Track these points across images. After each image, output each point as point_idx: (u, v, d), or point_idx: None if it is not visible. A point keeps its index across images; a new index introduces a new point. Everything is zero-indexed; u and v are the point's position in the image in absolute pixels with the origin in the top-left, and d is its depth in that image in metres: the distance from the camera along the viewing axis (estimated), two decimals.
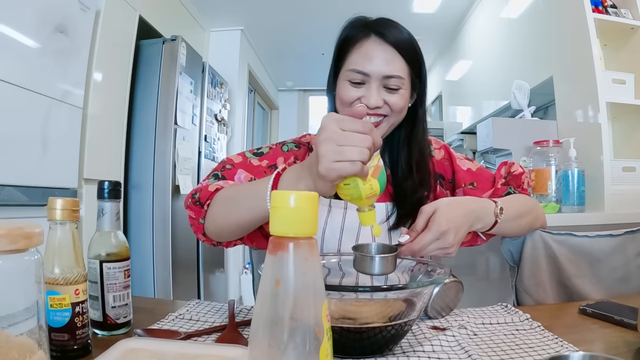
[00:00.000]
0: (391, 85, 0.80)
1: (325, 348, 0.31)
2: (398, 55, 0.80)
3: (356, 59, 0.81)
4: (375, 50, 0.80)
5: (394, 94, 0.81)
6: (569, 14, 1.93)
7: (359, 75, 0.80)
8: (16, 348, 0.38)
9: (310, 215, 0.31)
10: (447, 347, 0.59)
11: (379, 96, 0.80)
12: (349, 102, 0.82)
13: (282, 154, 0.92)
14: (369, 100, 0.79)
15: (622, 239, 1.11)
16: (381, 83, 0.80)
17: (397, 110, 0.82)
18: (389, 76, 0.79)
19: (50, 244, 0.54)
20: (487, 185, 0.91)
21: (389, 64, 0.79)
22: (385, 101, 0.81)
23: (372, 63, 0.79)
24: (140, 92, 2.51)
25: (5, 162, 1.51)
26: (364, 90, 0.81)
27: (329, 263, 0.78)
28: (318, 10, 3.48)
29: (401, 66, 0.81)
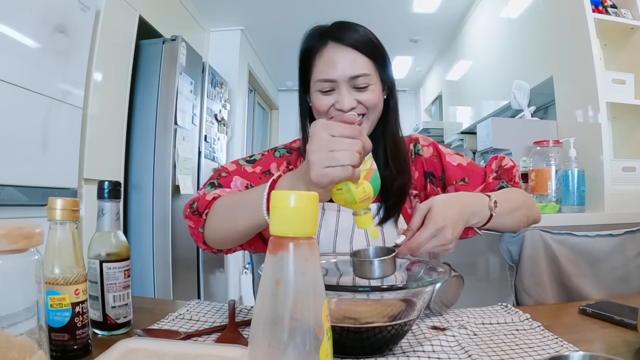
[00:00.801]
0: (360, 84, 0.82)
1: (325, 348, 0.31)
2: (359, 53, 0.82)
3: (321, 69, 0.83)
4: (335, 55, 0.81)
5: (364, 91, 0.82)
6: (569, 14, 1.93)
7: (327, 83, 0.82)
8: (16, 348, 0.38)
9: (310, 215, 0.31)
10: (447, 347, 0.59)
11: (351, 97, 0.81)
12: (324, 110, 0.84)
13: (275, 159, 0.93)
14: (343, 104, 0.81)
15: (622, 239, 1.11)
16: (350, 84, 0.82)
17: (372, 107, 0.83)
18: (355, 76, 0.81)
19: (50, 244, 0.54)
20: (478, 180, 0.91)
21: (352, 65, 0.81)
22: (358, 101, 0.82)
23: (336, 68, 0.81)
24: (140, 92, 2.51)
25: (5, 162, 1.51)
26: (336, 95, 0.82)
27: (327, 264, 0.78)
28: (318, 10, 3.48)
29: (364, 63, 0.82)
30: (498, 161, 0.91)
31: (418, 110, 5.71)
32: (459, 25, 3.69)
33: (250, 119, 4.64)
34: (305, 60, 0.86)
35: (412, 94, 5.92)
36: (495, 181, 0.88)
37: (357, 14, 3.59)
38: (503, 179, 0.89)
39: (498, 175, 0.90)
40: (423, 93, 5.52)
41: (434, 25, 3.78)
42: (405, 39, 4.12)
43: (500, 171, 0.90)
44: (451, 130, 3.96)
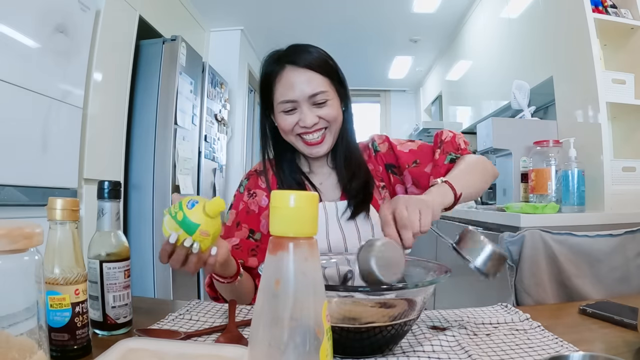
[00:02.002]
0: (318, 100, 0.88)
1: (325, 348, 0.31)
2: (314, 73, 0.88)
3: (281, 91, 0.89)
4: (293, 77, 0.88)
5: (323, 107, 0.89)
6: (569, 14, 1.93)
7: (289, 104, 0.89)
8: (16, 348, 0.38)
9: (310, 215, 0.31)
10: (447, 347, 0.59)
11: (312, 114, 0.88)
12: (289, 129, 0.91)
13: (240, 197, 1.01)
14: (305, 121, 0.88)
15: (622, 239, 1.11)
16: (309, 102, 0.88)
17: (332, 120, 0.90)
18: (313, 94, 0.88)
19: (50, 244, 0.54)
20: (428, 159, 0.96)
21: (309, 84, 0.88)
22: (319, 116, 0.89)
23: (294, 89, 0.88)
24: (140, 92, 2.51)
25: (5, 162, 1.51)
26: (298, 114, 0.89)
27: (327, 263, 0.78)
28: (318, 10, 3.48)
29: (320, 81, 0.89)
30: (439, 137, 0.97)
31: (418, 110, 5.71)
32: (459, 25, 3.69)
33: (250, 119, 4.64)
34: (266, 85, 0.94)
35: (412, 94, 5.92)
36: (442, 156, 0.93)
37: (357, 14, 3.60)
38: (449, 151, 0.94)
39: (442, 150, 0.94)
40: (423, 93, 5.53)
41: (434, 25, 3.78)
42: (405, 39, 4.12)
43: (443, 145, 0.95)
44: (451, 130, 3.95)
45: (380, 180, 0.99)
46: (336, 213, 0.94)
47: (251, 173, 1.04)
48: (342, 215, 0.93)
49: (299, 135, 0.91)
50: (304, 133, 0.90)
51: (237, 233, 0.96)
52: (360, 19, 3.63)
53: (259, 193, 0.99)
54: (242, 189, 1.02)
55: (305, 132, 0.90)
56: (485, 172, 0.92)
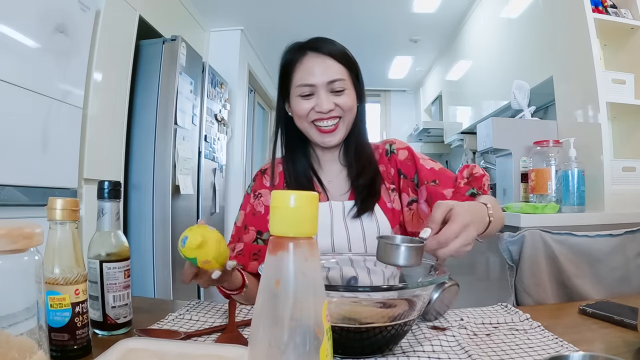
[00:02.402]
0: (336, 87, 0.90)
1: (325, 348, 0.31)
2: (335, 61, 0.90)
3: (301, 75, 0.91)
4: (314, 63, 0.90)
5: (340, 95, 0.90)
6: (569, 14, 1.93)
7: (307, 87, 0.90)
8: (16, 348, 0.38)
9: (310, 215, 0.31)
10: (447, 347, 0.59)
11: (329, 101, 0.89)
12: (305, 114, 0.91)
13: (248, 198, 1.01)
14: (322, 107, 0.88)
15: (622, 239, 1.11)
16: (327, 89, 0.90)
17: (347, 109, 0.91)
18: (332, 80, 0.89)
19: (50, 244, 0.54)
20: (448, 183, 0.95)
21: (329, 70, 0.89)
22: (335, 104, 0.90)
23: (315, 74, 0.89)
24: (140, 92, 2.51)
25: (5, 162, 1.51)
26: (315, 99, 0.90)
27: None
28: (318, 10, 3.48)
29: (340, 69, 0.90)
30: (470, 169, 0.95)
31: (418, 110, 5.71)
32: (459, 25, 3.69)
33: (250, 119, 4.65)
34: (285, 72, 0.94)
35: (412, 94, 5.92)
36: (465, 187, 0.93)
37: (357, 14, 3.60)
38: (473, 186, 0.93)
39: (469, 181, 0.94)
40: (423, 93, 5.53)
41: (434, 25, 3.78)
42: (405, 39, 4.12)
43: (471, 178, 0.94)
44: (451, 130, 3.96)
45: (391, 183, 0.98)
46: (342, 212, 0.93)
47: (257, 173, 1.04)
48: (348, 214, 0.93)
49: (313, 122, 0.91)
50: (318, 119, 0.90)
51: (245, 236, 0.96)
52: (360, 19, 3.63)
53: (264, 193, 0.99)
54: (249, 190, 1.02)
55: (320, 117, 0.90)
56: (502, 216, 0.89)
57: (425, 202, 0.95)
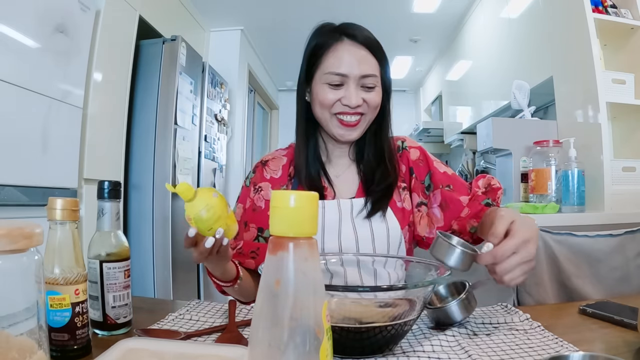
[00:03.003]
0: (368, 84, 0.85)
1: (325, 348, 0.31)
2: (370, 54, 0.85)
3: (332, 62, 0.85)
4: (349, 52, 0.84)
5: (370, 92, 0.86)
6: (569, 14, 1.93)
7: (337, 77, 0.84)
8: (16, 348, 0.38)
9: (310, 215, 0.31)
10: (447, 347, 0.59)
11: (358, 96, 0.84)
12: (329, 104, 0.86)
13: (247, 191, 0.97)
14: (350, 100, 0.84)
15: (622, 239, 1.11)
16: (359, 83, 0.85)
17: (373, 107, 0.87)
18: (365, 75, 0.84)
19: (50, 244, 0.54)
20: (462, 190, 0.92)
21: (364, 64, 0.84)
22: (364, 99, 0.85)
23: (349, 64, 0.84)
24: (140, 92, 2.51)
25: (5, 162, 1.51)
26: (343, 91, 0.85)
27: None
28: (318, 10, 3.48)
29: (374, 65, 0.86)
30: (487, 180, 0.92)
31: (418, 110, 5.71)
32: (459, 25, 3.69)
33: (250, 119, 4.65)
34: (314, 54, 0.88)
35: (412, 94, 5.92)
36: (483, 196, 0.90)
37: (357, 14, 3.59)
38: (490, 197, 0.90)
39: (486, 191, 0.91)
40: (423, 93, 5.53)
41: (434, 25, 3.78)
42: (405, 39, 4.12)
43: (489, 189, 0.91)
44: (451, 130, 3.96)
45: (402, 181, 0.94)
46: (350, 211, 0.89)
47: (258, 164, 0.99)
48: (357, 215, 0.89)
49: (336, 114, 0.87)
50: (342, 112, 0.86)
51: (246, 234, 0.93)
52: (360, 19, 3.58)
53: (264, 186, 0.95)
54: (248, 182, 0.97)
55: (344, 111, 0.86)
56: None
57: (439, 207, 0.91)
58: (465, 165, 3.62)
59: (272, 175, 0.96)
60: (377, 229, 0.88)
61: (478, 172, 3.41)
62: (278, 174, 0.96)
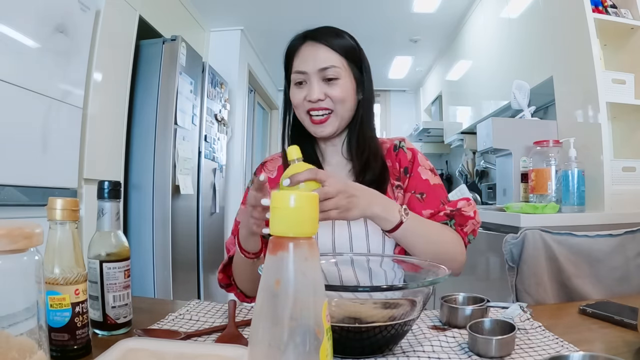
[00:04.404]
0: (328, 75, 0.87)
1: (325, 348, 0.31)
2: (330, 50, 0.88)
3: (297, 63, 0.90)
4: (309, 51, 0.89)
5: (333, 85, 0.88)
6: (569, 14, 1.93)
7: (299, 75, 0.89)
8: (16, 348, 0.38)
9: (310, 215, 0.32)
10: (447, 347, 0.59)
11: (319, 90, 0.87)
12: (298, 104, 0.90)
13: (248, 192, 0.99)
14: (312, 95, 0.87)
15: (622, 239, 1.11)
16: (319, 76, 0.88)
17: (339, 101, 0.88)
18: (324, 68, 0.87)
19: (50, 244, 0.54)
20: (434, 203, 0.91)
21: (322, 59, 0.87)
22: (326, 94, 0.88)
23: (307, 61, 0.88)
24: (140, 92, 2.51)
25: (5, 162, 1.51)
26: (307, 88, 0.89)
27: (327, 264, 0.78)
28: (318, 10, 3.48)
29: (334, 58, 0.88)
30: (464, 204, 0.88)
31: (418, 110, 5.71)
32: (459, 25, 3.69)
33: (250, 119, 4.64)
34: (287, 59, 0.94)
35: (412, 94, 5.92)
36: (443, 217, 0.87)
37: (357, 14, 3.60)
38: (454, 219, 0.87)
39: (452, 214, 0.88)
40: (423, 93, 5.53)
41: (434, 25, 3.78)
42: (405, 39, 4.12)
43: (457, 212, 0.87)
44: (451, 130, 3.96)
45: (397, 179, 0.95)
46: None
47: (259, 166, 1.03)
48: None
49: (308, 112, 0.90)
50: (310, 109, 0.89)
51: None
52: (360, 19, 3.63)
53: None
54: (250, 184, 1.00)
55: (311, 107, 0.88)
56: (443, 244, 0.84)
57: None
58: (465, 165, 3.62)
59: (269, 176, 0.98)
60: (371, 225, 0.88)
61: (478, 172, 3.42)
62: (274, 174, 0.99)
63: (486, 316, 0.68)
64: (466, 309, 0.68)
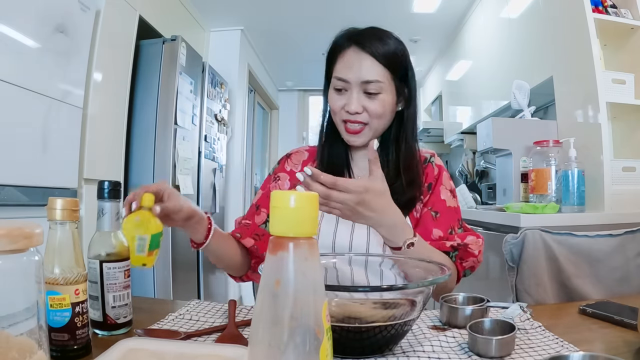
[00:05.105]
0: (370, 89, 0.85)
1: (325, 348, 0.31)
2: (376, 62, 0.85)
3: (339, 68, 0.88)
4: (353, 59, 0.86)
5: (373, 99, 0.86)
6: (569, 14, 1.93)
7: (341, 82, 0.87)
8: (16, 348, 0.38)
9: (310, 215, 0.32)
10: (447, 347, 0.59)
11: (358, 103, 0.85)
12: (335, 110, 0.89)
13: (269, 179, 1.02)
14: (350, 107, 0.86)
15: (622, 239, 1.11)
16: (361, 88, 0.86)
17: (375, 117, 0.87)
18: (367, 81, 0.85)
19: (50, 244, 0.54)
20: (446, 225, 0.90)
21: (367, 70, 0.85)
22: (364, 108, 0.86)
23: (351, 70, 0.85)
24: (140, 92, 2.51)
25: (5, 162, 1.51)
26: (346, 97, 0.87)
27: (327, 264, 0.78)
28: (318, 10, 3.48)
29: (379, 71, 0.85)
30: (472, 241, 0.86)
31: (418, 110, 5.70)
32: (459, 25, 3.69)
33: (250, 119, 4.64)
34: (330, 56, 0.92)
35: None
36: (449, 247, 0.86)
37: (357, 14, 3.59)
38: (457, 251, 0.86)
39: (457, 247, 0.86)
40: (423, 93, 5.52)
41: (434, 25, 3.77)
42: (405, 39, 4.04)
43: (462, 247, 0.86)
44: (451, 130, 3.96)
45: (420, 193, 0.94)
46: None
47: (283, 157, 1.04)
48: None
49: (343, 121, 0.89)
50: (346, 120, 0.88)
51: (256, 217, 0.96)
52: (360, 19, 3.61)
53: (282, 177, 0.99)
54: (272, 172, 1.03)
55: (348, 119, 0.87)
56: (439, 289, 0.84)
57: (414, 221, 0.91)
58: (465, 165, 3.62)
59: (292, 168, 1.00)
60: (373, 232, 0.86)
61: (478, 172, 3.42)
62: (297, 168, 0.99)
63: (486, 316, 0.68)
64: (466, 309, 0.68)
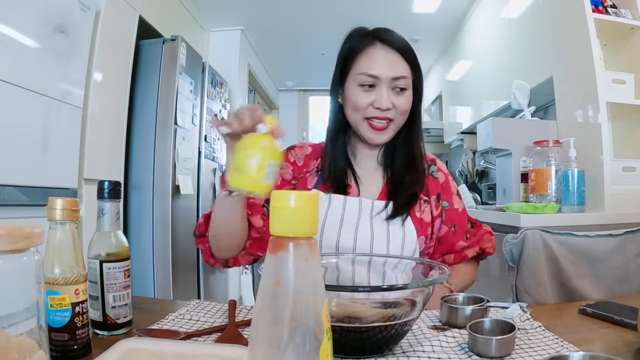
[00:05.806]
0: (399, 85, 0.87)
1: (325, 348, 0.31)
2: (402, 58, 0.88)
3: (365, 64, 0.87)
4: (382, 55, 0.87)
5: (400, 95, 0.88)
6: (569, 14, 1.93)
7: (370, 78, 0.86)
8: (16, 348, 0.38)
9: (310, 215, 0.31)
10: (447, 347, 0.59)
11: (389, 98, 0.86)
12: (362, 108, 0.88)
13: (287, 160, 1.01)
14: (382, 103, 0.86)
15: (622, 239, 1.11)
16: (390, 85, 0.87)
17: (402, 112, 0.89)
18: (397, 77, 0.86)
19: (50, 244, 0.54)
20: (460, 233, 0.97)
21: (396, 66, 0.87)
22: (393, 104, 0.87)
23: (381, 66, 0.86)
24: (140, 92, 2.51)
25: (5, 162, 1.51)
26: (375, 94, 0.87)
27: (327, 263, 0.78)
28: (318, 10, 3.48)
29: (405, 68, 0.88)
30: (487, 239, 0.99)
31: None
32: (459, 25, 3.68)
33: None
34: (347, 57, 0.91)
35: None
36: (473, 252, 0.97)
37: (358, 14, 3.59)
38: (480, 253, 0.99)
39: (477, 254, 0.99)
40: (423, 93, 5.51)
41: (434, 25, 3.77)
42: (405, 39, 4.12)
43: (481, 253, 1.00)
44: (451, 130, 3.95)
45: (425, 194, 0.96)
46: (370, 211, 0.90)
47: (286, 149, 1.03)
48: (375, 215, 0.90)
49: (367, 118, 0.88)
50: (375, 117, 0.87)
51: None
52: (360, 19, 3.61)
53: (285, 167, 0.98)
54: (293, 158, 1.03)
55: (375, 116, 0.87)
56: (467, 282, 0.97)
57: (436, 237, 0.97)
58: (465, 165, 3.62)
59: (295, 160, 0.99)
60: (393, 232, 0.89)
61: (478, 172, 3.42)
62: (300, 161, 0.99)
63: (486, 316, 0.68)
64: (466, 309, 0.68)
